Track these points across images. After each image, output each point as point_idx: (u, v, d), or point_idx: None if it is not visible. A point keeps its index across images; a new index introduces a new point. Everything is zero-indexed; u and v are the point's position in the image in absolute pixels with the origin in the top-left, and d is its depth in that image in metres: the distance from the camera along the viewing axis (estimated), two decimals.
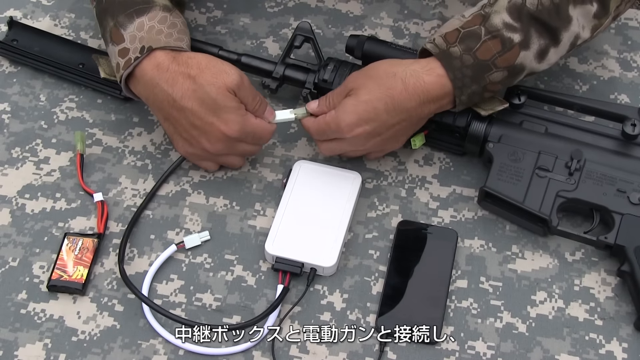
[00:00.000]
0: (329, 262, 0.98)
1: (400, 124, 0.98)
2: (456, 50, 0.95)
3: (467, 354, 0.94)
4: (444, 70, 0.95)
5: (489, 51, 0.95)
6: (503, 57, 0.95)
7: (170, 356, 0.94)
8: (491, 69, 0.95)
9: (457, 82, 0.95)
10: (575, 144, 1.02)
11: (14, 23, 1.17)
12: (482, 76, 0.96)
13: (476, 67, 0.95)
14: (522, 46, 0.95)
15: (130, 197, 1.05)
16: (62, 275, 0.97)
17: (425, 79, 0.96)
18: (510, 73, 0.96)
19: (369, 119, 0.97)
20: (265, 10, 1.23)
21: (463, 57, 0.95)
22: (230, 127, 0.97)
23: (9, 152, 1.09)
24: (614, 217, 0.98)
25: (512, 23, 0.95)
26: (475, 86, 0.96)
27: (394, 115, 0.97)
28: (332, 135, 1.00)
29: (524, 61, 0.96)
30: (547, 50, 0.97)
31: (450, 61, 0.95)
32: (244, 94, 0.98)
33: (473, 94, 0.97)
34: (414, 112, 0.97)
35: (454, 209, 1.04)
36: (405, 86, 0.96)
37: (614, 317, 0.96)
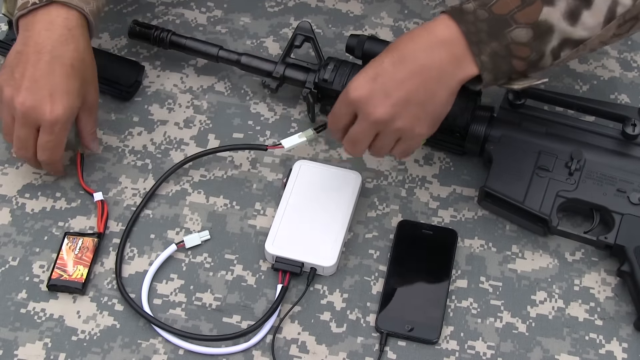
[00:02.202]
0: (329, 262, 0.98)
1: (411, 79, 0.89)
2: (469, 6, 0.89)
3: (467, 353, 0.94)
4: (457, 27, 0.88)
5: (507, 5, 0.88)
6: (523, 12, 0.88)
7: (170, 356, 0.94)
8: (510, 25, 0.88)
9: (472, 36, 0.88)
10: (575, 144, 1.02)
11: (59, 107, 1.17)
12: (500, 32, 0.88)
13: (492, 21, 0.88)
14: (544, 1, 0.88)
15: (130, 196, 1.05)
16: (62, 275, 0.97)
17: (431, 24, 0.90)
18: (537, 33, 0.88)
19: (375, 75, 0.89)
20: (266, 10, 1.23)
21: (477, 12, 0.88)
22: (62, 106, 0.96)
23: (9, 151, 1.09)
24: (614, 217, 0.98)
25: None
26: (495, 44, 0.88)
27: (400, 66, 0.89)
28: (344, 111, 0.92)
29: (549, 18, 0.88)
30: (578, 12, 0.89)
31: (461, 15, 0.88)
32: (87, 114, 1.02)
33: (495, 55, 0.89)
34: (424, 59, 0.89)
35: (454, 209, 1.04)
36: (410, 36, 0.91)
37: (614, 317, 0.96)
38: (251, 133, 1.11)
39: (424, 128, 0.91)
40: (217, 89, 1.15)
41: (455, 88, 0.90)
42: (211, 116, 1.12)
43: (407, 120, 0.90)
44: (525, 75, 0.93)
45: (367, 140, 0.93)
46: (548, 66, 0.92)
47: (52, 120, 0.96)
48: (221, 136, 1.10)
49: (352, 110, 0.91)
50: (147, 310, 0.96)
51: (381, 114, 0.89)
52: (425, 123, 0.91)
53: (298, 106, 1.13)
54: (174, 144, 1.10)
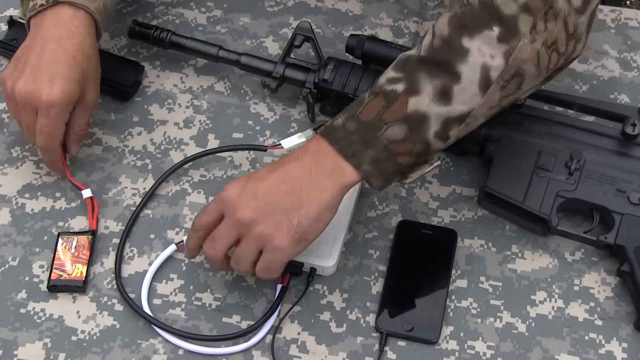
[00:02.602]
0: (328, 262, 0.98)
1: (280, 186, 0.88)
2: (339, 121, 0.89)
3: (466, 353, 0.94)
4: (327, 143, 0.88)
5: (373, 109, 0.87)
6: (389, 111, 0.87)
7: (170, 355, 0.94)
8: (381, 127, 0.87)
9: (346, 150, 0.87)
10: (575, 143, 1.02)
11: (14, 22, 1.17)
12: (373, 138, 0.87)
13: (362, 130, 0.87)
14: (409, 93, 0.87)
15: (130, 196, 1.05)
16: (61, 275, 0.97)
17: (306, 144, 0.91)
18: (411, 126, 0.87)
19: (248, 179, 0.90)
20: (265, 10, 1.23)
21: (346, 125, 0.88)
22: (58, 88, 0.97)
23: (8, 151, 1.09)
24: (613, 217, 0.98)
25: (395, 76, 0.88)
26: (371, 150, 0.87)
27: (272, 172, 0.89)
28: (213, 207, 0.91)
29: (419, 107, 0.87)
30: (448, 90, 0.87)
31: (332, 133, 0.88)
32: (82, 110, 1.02)
33: (377, 161, 0.88)
34: (292, 169, 0.89)
35: (453, 209, 1.04)
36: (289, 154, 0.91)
37: (613, 317, 0.96)
38: (251, 133, 1.11)
39: (285, 239, 0.87)
40: (216, 89, 1.15)
41: (329, 203, 0.88)
42: (211, 116, 1.12)
43: (268, 227, 0.87)
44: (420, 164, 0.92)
45: (229, 241, 0.90)
46: (443, 147, 0.91)
47: (48, 103, 0.97)
48: (221, 136, 1.10)
49: (220, 208, 0.90)
50: (146, 310, 0.96)
51: (243, 215, 0.88)
52: (288, 234, 0.87)
53: (298, 106, 1.13)
54: (174, 144, 1.10)
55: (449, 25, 0.88)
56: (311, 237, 0.89)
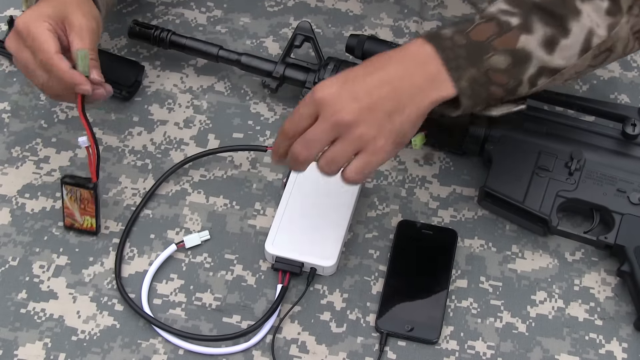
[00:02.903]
0: (328, 262, 0.98)
1: (382, 87, 0.85)
2: (446, 31, 0.87)
3: (467, 353, 0.94)
4: (432, 48, 0.86)
5: (484, 32, 0.87)
6: (501, 39, 0.87)
7: (170, 355, 0.94)
8: (489, 51, 0.86)
9: (451, 62, 0.85)
10: (575, 143, 1.02)
11: (14, 22, 1.17)
12: (479, 59, 0.86)
13: (470, 47, 0.86)
14: (522, 29, 0.87)
15: (130, 196, 1.05)
16: (73, 223, 0.99)
17: (405, 45, 0.88)
18: (515, 60, 0.87)
19: (345, 79, 0.85)
20: (265, 10, 1.23)
21: (454, 38, 0.86)
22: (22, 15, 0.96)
23: (8, 151, 1.09)
24: (614, 217, 0.98)
25: (509, 9, 0.89)
26: (473, 70, 0.86)
27: (371, 73, 0.86)
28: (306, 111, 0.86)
29: (527, 46, 0.87)
30: (555, 41, 0.88)
31: (439, 41, 0.86)
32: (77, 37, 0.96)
33: (474, 82, 0.86)
34: (396, 71, 0.86)
35: (454, 209, 1.04)
36: (384, 53, 0.88)
37: (613, 317, 0.96)
38: (251, 133, 1.11)
39: (388, 142, 0.85)
40: (217, 88, 1.15)
41: (426, 109, 0.86)
42: (211, 116, 1.12)
43: (371, 128, 0.84)
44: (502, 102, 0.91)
45: (323, 142, 0.85)
46: (524, 94, 0.91)
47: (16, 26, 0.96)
48: (221, 136, 1.10)
49: (314, 112, 0.85)
50: (147, 310, 0.96)
51: (346, 115, 0.84)
52: (390, 136, 0.85)
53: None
54: (174, 144, 1.10)
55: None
56: (406, 142, 0.88)
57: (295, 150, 0.86)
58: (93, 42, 0.97)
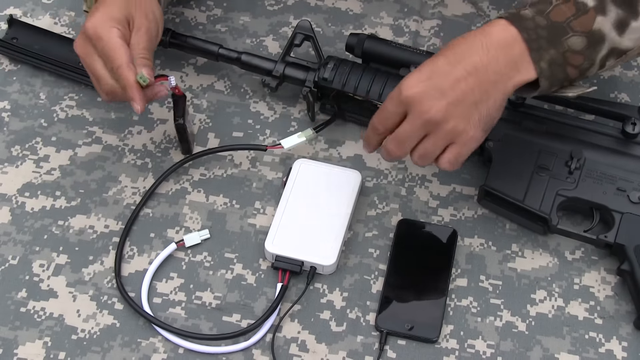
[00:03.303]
0: (328, 261, 0.98)
1: (467, 79, 0.86)
2: (527, 12, 0.88)
3: (466, 352, 0.94)
4: (516, 30, 0.87)
5: (563, 13, 0.87)
6: (578, 20, 0.87)
7: (170, 354, 0.94)
8: (567, 32, 0.87)
9: (532, 43, 0.86)
10: (575, 142, 1.02)
11: (14, 21, 1.17)
12: (558, 39, 0.87)
13: (550, 28, 0.87)
14: (597, 10, 0.87)
15: (130, 195, 1.05)
16: None
17: (487, 27, 0.88)
18: (590, 41, 0.88)
19: (430, 74, 0.86)
20: (265, 9, 1.23)
21: (535, 19, 0.87)
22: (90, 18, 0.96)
23: (8, 150, 1.09)
24: (613, 215, 0.98)
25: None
26: (553, 51, 0.87)
27: (456, 65, 0.86)
28: (394, 110, 0.88)
29: (602, 27, 0.88)
30: (627, 22, 0.88)
31: (521, 22, 0.87)
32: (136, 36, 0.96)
33: (553, 63, 0.87)
34: (480, 60, 0.86)
35: (453, 208, 1.04)
36: (465, 37, 0.88)
37: (613, 315, 0.96)
38: (251, 132, 1.11)
39: (477, 131, 0.88)
40: (216, 87, 1.15)
41: (510, 92, 0.88)
42: (211, 115, 1.12)
43: (461, 121, 0.87)
44: (572, 83, 0.92)
45: (415, 140, 0.88)
46: (594, 74, 0.92)
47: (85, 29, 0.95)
48: (221, 135, 1.10)
49: (403, 110, 0.87)
50: (147, 309, 0.96)
51: (435, 113, 0.86)
52: (479, 125, 0.88)
53: (298, 105, 1.13)
54: (174, 143, 1.10)
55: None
56: (494, 123, 0.90)
57: (389, 148, 0.90)
58: (150, 42, 0.98)
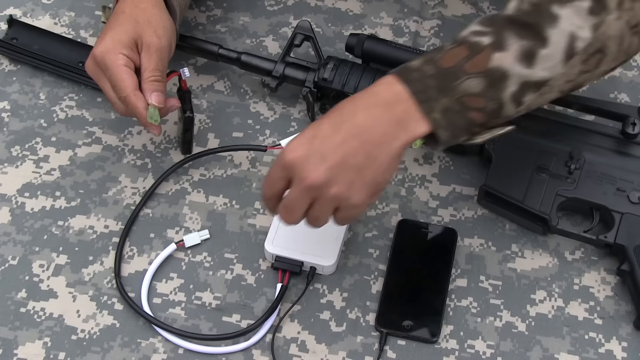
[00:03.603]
0: (328, 261, 0.98)
1: (349, 142, 0.82)
2: (415, 63, 0.85)
3: (466, 352, 0.94)
4: (402, 85, 0.84)
5: (454, 57, 0.84)
6: (472, 62, 0.84)
7: (170, 355, 0.94)
8: (459, 77, 0.83)
9: (420, 94, 0.83)
10: (575, 143, 1.02)
11: (14, 21, 1.17)
12: (449, 86, 0.83)
13: (440, 76, 0.83)
14: (494, 47, 0.84)
15: (130, 195, 1.05)
16: None
17: (374, 86, 0.85)
18: (490, 81, 0.84)
19: (313, 137, 0.83)
20: (265, 9, 1.23)
21: (423, 68, 0.84)
22: (99, 43, 0.97)
23: (8, 150, 1.09)
24: (613, 216, 0.98)
25: (481, 29, 0.86)
26: (445, 99, 0.83)
27: (339, 128, 0.83)
28: (279, 175, 0.85)
29: (502, 64, 0.84)
30: (533, 52, 0.84)
31: (408, 75, 0.84)
32: (148, 56, 0.98)
33: (448, 111, 0.84)
34: (362, 122, 0.83)
35: (453, 208, 1.04)
36: (352, 98, 0.86)
37: (613, 316, 0.96)
38: (251, 132, 1.11)
39: (362, 196, 0.84)
40: (216, 88, 1.15)
41: (399, 152, 0.84)
42: (211, 115, 1.12)
43: (343, 187, 0.83)
44: (488, 127, 0.89)
45: (302, 207, 0.85)
46: (513, 114, 0.88)
47: (93, 55, 0.98)
48: (221, 135, 1.10)
49: (287, 175, 0.84)
50: (146, 309, 0.96)
51: (315, 179, 0.82)
52: (364, 190, 0.84)
53: (298, 105, 1.13)
54: (174, 143, 1.10)
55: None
56: (383, 187, 0.86)
57: (282, 217, 0.86)
58: (160, 60, 0.99)
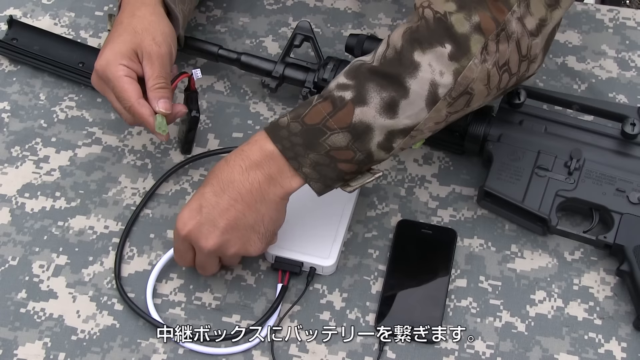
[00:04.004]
0: (328, 262, 0.98)
1: (234, 206, 0.89)
2: (284, 120, 0.89)
3: (466, 353, 0.94)
4: (272, 143, 0.89)
5: (319, 114, 0.88)
6: (335, 118, 0.88)
7: (170, 355, 0.94)
8: (325, 133, 0.88)
9: (288, 152, 0.88)
10: (575, 143, 1.02)
11: (14, 22, 1.17)
12: (316, 142, 0.88)
13: (306, 133, 0.88)
14: (356, 102, 0.87)
15: (129, 195, 1.05)
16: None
17: (244, 147, 0.91)
18: (354, 135, 0.88)
19: (199, 207, 0.90)
20: (265, 9, 1.23)
21: (290, 126, 0.89)
22: (100, 57, 0.98)
23: (8, 151, 1.09)
24: (613, 216, 0.98)
25: (345, 82, 0.89)
26: (313, 154, 0.88)
27: (221, 195, 0.90)
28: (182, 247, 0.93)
29: (364, 118, 0.87)
30: (395, 103, 0.87)
31: (276, 131, 0.89)
32: (150, 64, 0.98)
33: (318, 165, 0.89)
34: (241, 185, 0.90)
35: (453, 208, 1.05)
36: (226, 162, 0.91)
37: (613, 316, 0.97)
38: (250, 132, 1.11)
39: (258, 247, 0.93)
40: (216, 88, 1.15)
41: (283, 200, 0.91)
42: (211, 116, 1.12)
43: (239, 245, 0.91)
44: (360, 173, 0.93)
45: (214, 264, 0.94)
46: (386, 158, 0.92)
47: (96, 69, 0.99)
48: (221, 136, 1.11)
49: (188, 245, 0.92)
50: (151, 309, 0.95)
51: (212, 245, 0.90)
52: (259, 241, 0.92)
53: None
54: (174, 144, 1.10)
55: (403, 37, 0.88)
56: (279, 227, 0.95)
57: (201, 272, 0.96)
58: (163, 67, 0.99)
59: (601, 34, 1.20)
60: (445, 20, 0.87)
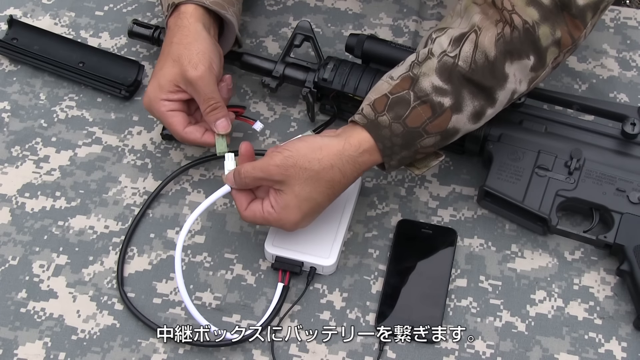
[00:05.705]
0: (328, 261, 0.98)
1: (326, 194, 0.94)
2: (385, 119, 0.92)
3: (466, 352, 0.94)
4: (374, 142, 0.92)
5: (419, 118, 0.92)
6: (434, 123, 0.92)
7: (170, 355, 0.94)
8: (422, 136, 0.92)
9: (387, 150, 0.93)
10: (575, 143, 1.02)
11: (14, 22, 1.17)
12: (412, 143, 0.93)
13: (406, 135, 0.92)
14: (454, 110, 0.92)
15: (130, 195, 1.05)
16: None
17: (360, 160, 0.93)
18: (443, 137, 0.93)
19: (313, 211, 0.94)
20: (265, 9, 1.23)
21: (392, 126, 0.92)
22: (145, 93, 1.01)
23: (8, 150, 1.09)
24: (613, 216, 0.98)
25: (442, 86, 0.91)
26: (405, 152, 0.93)
27: (333, 199, 0.94)
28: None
29: (456, 124, 0.93)
30: (483, 112, 0.94)
31: (379, 131, 0.92)
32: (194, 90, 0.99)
33: (403, 159, 0.94)
34: (334, 178, 0.93)
35: (453, 208, 1.05)
36: (343, 174, 0.92)
37: (613, 316, 0.97)
38: (251, 132, 1.11)
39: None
40: None
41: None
42: None
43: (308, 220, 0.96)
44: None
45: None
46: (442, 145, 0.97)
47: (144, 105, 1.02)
48: None
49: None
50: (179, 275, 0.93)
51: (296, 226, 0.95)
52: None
53: (298, 105, 1.13)
54: (174, 143, 1.10)
55: (497, 47, 0.91)
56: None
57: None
58: (207, 87, 1.00)
59: (602, 34, 1.20)
60: (534, 33, 0.91)
